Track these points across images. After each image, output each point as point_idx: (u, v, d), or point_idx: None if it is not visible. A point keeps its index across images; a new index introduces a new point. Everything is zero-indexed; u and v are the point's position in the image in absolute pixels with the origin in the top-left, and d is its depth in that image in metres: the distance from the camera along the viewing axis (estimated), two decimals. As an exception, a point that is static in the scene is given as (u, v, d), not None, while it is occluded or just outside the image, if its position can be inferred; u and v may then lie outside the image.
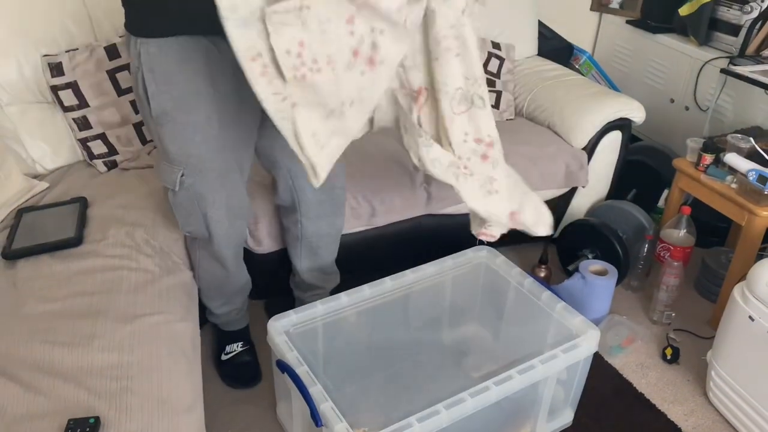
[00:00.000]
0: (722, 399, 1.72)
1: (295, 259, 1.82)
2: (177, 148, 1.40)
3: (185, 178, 1.43)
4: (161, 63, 1.34)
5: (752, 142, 1.93)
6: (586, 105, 2.22)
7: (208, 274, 1.67)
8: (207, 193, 1.46)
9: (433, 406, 1.32)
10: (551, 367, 1.46)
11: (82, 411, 1.08)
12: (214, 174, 1.45)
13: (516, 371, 1.41)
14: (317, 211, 1.71)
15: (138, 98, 1.42)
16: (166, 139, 1.40)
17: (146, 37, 1.33)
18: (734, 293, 1.65)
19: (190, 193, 1.46)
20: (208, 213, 1.49)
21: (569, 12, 2.99)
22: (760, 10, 2.38)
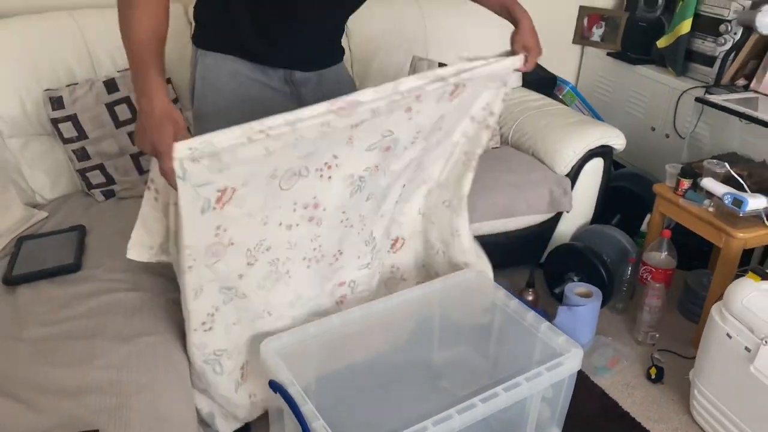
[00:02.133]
0: (705, 417, 1.76)
1: None
2: None
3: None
4: (213, 73, 1.47)
5: (727, 167, 2.01)
6: (568, 133, 2.30)
7: None
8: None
9: (422, 423, 1.35)
10: (536, 384, 1.50)
11: (83, 426, 1.12)
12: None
13: (502, 388, 1.45)
14: None
15: (190, 98, 1.55)
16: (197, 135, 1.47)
17: (204, 49, 1.47)
18: (712, 312, 1.71)
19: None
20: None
21: (552, 45, 3.08)
22: (733, 41, 2.49)
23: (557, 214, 2.31)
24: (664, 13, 2.82)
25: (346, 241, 1.58)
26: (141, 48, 1.14)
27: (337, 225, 1.52)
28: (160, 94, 1.13)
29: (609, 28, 3.05)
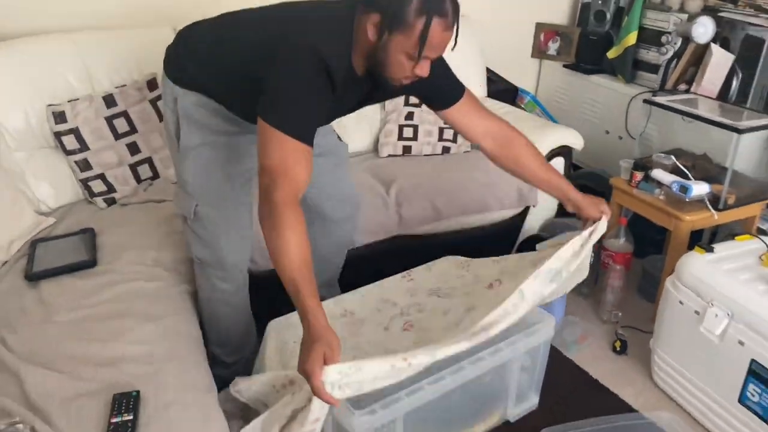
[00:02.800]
0: (664, 378, 1.97)
1: None
2: (195, 179, 1.57)
3: (199, 207, 1.59)
4: (196, 111, 1.53)
5: (674, 160, 2.26)
6: (531, 136, 2.48)
7: (219, 308, 1.76)
8: (221, 219, 1.61)
9: (418, 383, 1.52)
10: (516, 348, 1.69)
11: (123, 389, 1.26)
12: (228, 202, 1.61)
13: (486, 353, 1.64)
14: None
15: (167, 132, 1.62)
16: (186, 171, 1.57)
17: (186, 89, 1.52)
18: (666, 284, 1.93)
19: (205, 221, 1.61)
20: (221, 240, 1.63)
21: (513, 59, 3.36)
22: (674, 51, 2.77)
23: (525, 208, 2.52)
24: (612, 27, 3.10)
25: None
26: (293, 275, 1.19)
27: None
28: (313, 316, 1.17)
29: (563, 42, 3.32)
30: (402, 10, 1.24)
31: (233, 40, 1.47)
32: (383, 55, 1.31)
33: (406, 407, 1.48)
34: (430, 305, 1.73)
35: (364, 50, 1.34)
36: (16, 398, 1.26)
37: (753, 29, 2.50)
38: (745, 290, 1.71)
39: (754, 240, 1.94)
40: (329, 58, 1.30)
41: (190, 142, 1.55)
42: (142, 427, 1.19)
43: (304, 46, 1.29)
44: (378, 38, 1.29)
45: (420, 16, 1.25)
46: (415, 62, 1.31)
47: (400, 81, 1.37)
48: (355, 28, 1.34)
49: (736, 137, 2.10)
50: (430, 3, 1.25)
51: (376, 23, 1.28)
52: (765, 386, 1.64)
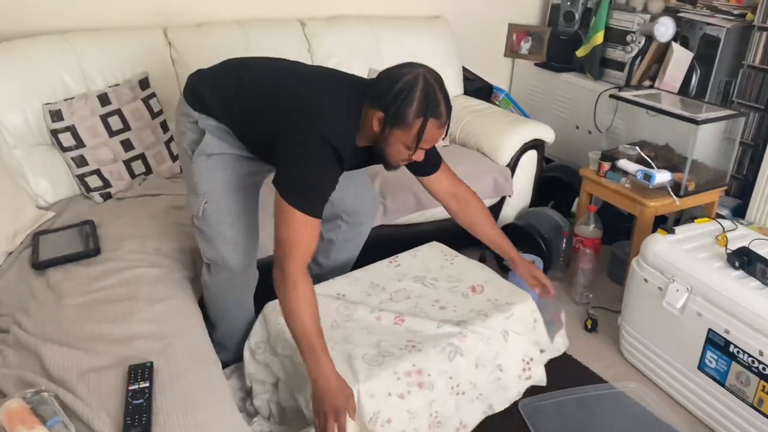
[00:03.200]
0: (632, 351, 2.13)
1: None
2: (205, 178, 1.67)
3: (208, 205, 1.68)
4: (216, 131, 1.67)
5: (638, 150, 2.42)
6: (506, 130, 2.68)
7: (227, 304, 1.85)
8: (227, 215, 1.70)
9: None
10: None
11: (137, 362, 1.37)
12: (234, 199, 1.71)
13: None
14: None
15: (181, 146, 1.75)
16: (196, 172, 1.68)
17: (205, 114, 1.66)
18: (632, 264, 2.09)
19: (211, 219, 1.70)
20: (227, 234, 1.71)
21: (487, 58, 3.51)
22: (638, 49, 2.94)
23: (501, 198, 2.67)
24: (581, 27, 3.27)
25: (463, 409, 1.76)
26: (308, 334, 1.44)
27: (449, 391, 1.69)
28: (331, 371, 1.44)
29: (535, 42, 3.49)
30: (403, 112, 1.43)
31: (256, 108, 1.60)
32: (385, 144, 1.52)
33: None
34: (417, 293, 1.88)
35: (369, 136, 1.54)
36: (38, 372, 1.36)
37: (710, 28, 2.68)
38: (702, 267, 1.87)
39: (711, 222, 2.11)
40: (340, 145, 1.49)
41: (208, 149, 1.66)
42: (158, 393, 1.30)
43: (320, 135, 1.47)
44: (381, 131, 1.49)
45: (418, 117, 1.44)
46: (412, 152, 1.52)
47: (398, 163, 1.59)
48: (363, 116, 1.53)
49: (695, 128, 2.26)
50: (428, 107, 1.43)
51: (380, 119, 1.47)
52: (721, 353, 1.80)
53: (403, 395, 1.58)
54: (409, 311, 1.80)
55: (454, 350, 1.69)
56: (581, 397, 1.98)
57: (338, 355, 1.57)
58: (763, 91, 2.58)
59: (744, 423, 1.77)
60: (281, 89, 1.59)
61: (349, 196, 1.96)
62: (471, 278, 1.98)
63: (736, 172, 2.72)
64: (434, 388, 1.64)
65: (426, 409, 1.64)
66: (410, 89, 1.42)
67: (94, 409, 1.25)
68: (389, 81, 1.46)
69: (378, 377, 1.55)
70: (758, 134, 2.62)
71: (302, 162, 1.48)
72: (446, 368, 1.67)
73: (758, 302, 1.71)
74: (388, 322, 1.76)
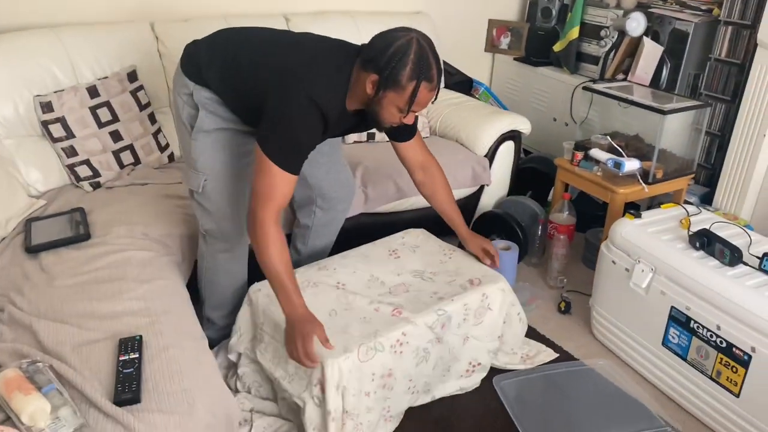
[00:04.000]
0: (602, 331, 2.23)
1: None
2: (205, 157, 1.77)
3: (207, 182, 1.79)
4: (210, 103, 1.75)
5: (609, 140, 2.52)
6: (484, 122, 2.77)
7: (218, 275, 1.96)
8: (227, 193, 1.81)
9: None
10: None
11: (127, 335, 1.45)
12: (233, 178, 1.81)
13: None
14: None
15: (178, 118, 1.83)
16: (196, 151, 1.77)
17: (200, 85, 1.74)
18: (602, 248, 2.19)
19: (211, 195, 1.81)
20: (227, 210, 1.83)
21: (468, 53, 3.61)
22: (612, 43, 3.04)
23: (480, 188, 2.76)
24: (558, 23, 3.37)
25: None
26: (278, 275, 1.57)
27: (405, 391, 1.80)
28: (300, 306, 1.58)
29: (514, 37, 3.58)
30: (397, 75, 1.50)
31: (251, 69, 1.67)
32: (378, 107, 1.59)
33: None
34: (416, 287, 1.92)
35: (361, 99, 1.61)
36: (33, 346, 1.43)
37: (679, 23, 2.78)
38: (666, 248, 1.97)
39: (677, 207, 2.21)
40: (326, 106, 1.57)
41: (205, 126, 1.75)
42: (147, 363, 1.38)
43: (307, 95, 1.54)
44: (375, 93, 1.55)
45: (411, 80, 1.51)
46: (404, 115, 1.59)
47: (389, 125, 1.66)
48: (353, 79, 1.59)
49: (662, 118, 2.37)
50: (421, 69, 1.50)
51: (374, 81, 1.53)
52: (683, 329, 1.90)
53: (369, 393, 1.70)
54: (407, 304, 1.83)
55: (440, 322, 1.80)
56: (553, 374, 2.08)
57: (336, 343, 1.61)
58: (729, 83, 2.69)
59: (704, 394, 1.88)
60: (272, 53, 1.66)
61: (326, 180, 2.04)
62: (470, 272, 2.00)
63: (704, 161, 2.83)
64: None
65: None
66: (404, 52, 1.48)
67: (86, 378, 1.33)
68: (383, 44, 1.52)
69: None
70: (725, 125, 2.73)
71: (285, 120, 1.55)
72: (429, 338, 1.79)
73: (716, 280, 1.81)
74: (387, 313, 1.78)
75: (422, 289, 1.91)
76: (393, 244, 2.15)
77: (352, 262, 2.02)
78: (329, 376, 1.57)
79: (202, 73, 1.74)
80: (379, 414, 1.75)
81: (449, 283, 1.94)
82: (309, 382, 1.62)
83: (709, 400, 1.87)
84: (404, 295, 1.87)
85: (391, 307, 1.80)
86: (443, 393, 1.95)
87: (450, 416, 1.90)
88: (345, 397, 1.62)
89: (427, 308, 1.80)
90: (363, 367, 1.65)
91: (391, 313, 1.78)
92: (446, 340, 1.86)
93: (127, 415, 1.24)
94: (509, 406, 1.93)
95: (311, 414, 1.63)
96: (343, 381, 1.60)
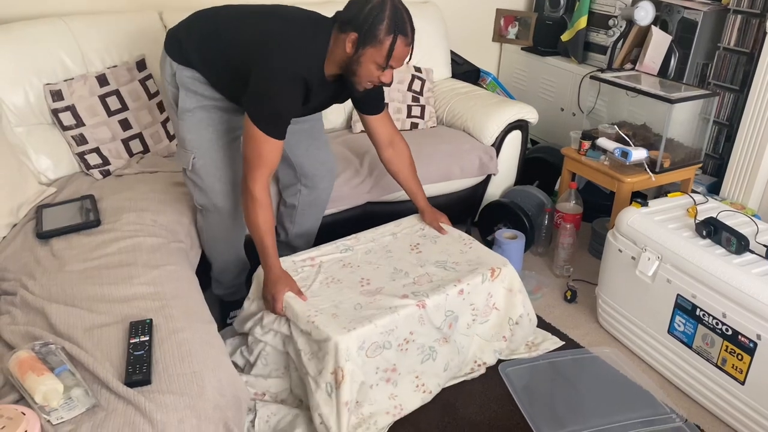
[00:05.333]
0: (608, 319, 2.24)
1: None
2: (192, 136, 1.88)
3: (196, 159, 1.90)
4: (191, 83, 1.85)
5: (616, 129, 2.52)
6: (491, 111, 2.77)
7: (218, 245, 2.09)
8: (214, 169, 1.92)
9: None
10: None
11: (138, 319, 1.47)
12: (219, 155, 1.91)
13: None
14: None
15: (166, 100, 1.93)
16: (183, 129, 1.88)
17: (183, 65, 1.84)
18: (608, 236, 2.19)
19: (201, 171, 1.92)
20: (216, 186, 1.94)
21: (476, 43, 3.60)
22: (620, 33, 3.03)
23: (487, 177, 2.77)
24: (566, 13, 3.36)
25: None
26: (264, 237, 1.76)
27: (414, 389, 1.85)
28: (276, 267, 1.79)
29: (522, 27, 3.58)
30: (375, 29, 1.62)
31: (228, 39, 1.77)
32: (357, 66, 1.68)
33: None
34: (439, 276, 1.92)
35: (340, 61, 1.70)
36: (45, 328, 1.45)
37: (688, 12, 2.77)
38: (672, 236, 1.97)
39: (684, 196, 2.21)
40: (307, 72, 1.68)
41: (186, 106, 1.86)
42: (157, 345, 1.40)
43: (286, 62, 1.66)
44: (354, 51, 1.65)
45: (388, 34, 1.62)
46: (382, 71, 1.69)
47: (366, 86, 1.74)
48: (331, 45, 1.70)
49: (670, 107, 2.36)
50: (397, 25, 1.62)
51: (354, 40, 1.64)
52: (688, 317, 1.91)
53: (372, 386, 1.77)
54: (431, 292, 1.84)
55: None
56: (559, 361, 2.09)
57: (359, 334, 1.66)
58: (738, 73, 2.68)
59: (709, 382, 1.88)
60: (250, 23, 1.76)
61: (306, 158, 2.14)
62: (490, 262, 2.00)
63: (712, 151, 2.83)
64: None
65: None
66: (380, 9, 1.61)
67: (98, 359, 1.35)
68: (359, 5, 1.63)
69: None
70: (733, 114, 2.72)
71: (268, 88, 1.66)
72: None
73: (723, 268, 1.81)
74: (412, 306, 1.79)
75: (447, 277, 1.91)
76: (414, 238, 2.14)
77: (375, 258, 2.01)
78: (343, 364, 1.63)
79: (184, 52, 1.83)
80: (386, 408, 1.79)
81: (471, 271, 1.94)
82: (324, 368, 1.65)
83: (714, 387, 1.87)
84: (428, 285, 1.87)
85: (415, 300, 1.80)
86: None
87: (456, 403, 1.91)
88: (354, 387, 1.66)
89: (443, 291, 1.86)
90: (368, 362, 1.71)
91: (415, 304, 1.78)
92: (453, 340, 1.90)
93: (138, 396, 1.26)
94: (515, 393, 1.94)
95: (320, 399, 1.66)
96: (356, 374, 1.67)
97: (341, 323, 1.67)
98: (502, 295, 2.00)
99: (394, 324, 1.73)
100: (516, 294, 2.01)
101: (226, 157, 1.93)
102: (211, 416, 1.30)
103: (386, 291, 1.83)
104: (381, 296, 1.81)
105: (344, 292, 1.82)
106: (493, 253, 2.07)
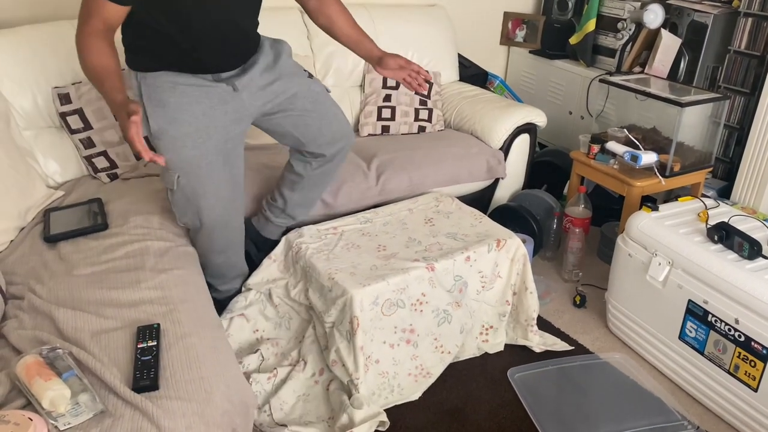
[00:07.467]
0: (617, 324, 2.22)
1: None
2: (172, 155, 1.72)
3: (180, 179, 1.77)
4: (155, 90, 1.71)
5: (626, 132, 2.50)
6: (499, 114, 2.76)
7: (212, 258, 2.01)
8: (198, 188, 1.79)
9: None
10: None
11: (145, 323, 1.46)
12: (203, 172, 1.78)
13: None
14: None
15: (144, 121, 1.75)
16: (162, 150, 1.73)
17: (142, 71, 1.72)
18: (618, 241, 2.17)
19: (185, 190, 1.80)
20: (201, 204, 1.82)
21: (483, 46, 3.59)
22: (629, 36, 3.02)
23: (495, 181, 2.75)
24: (574, 15, 3.35)
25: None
26: (94, 75, 1.56)
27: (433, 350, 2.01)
28: (113, 95, 1.54)
29: (530, 30, 3.56)
30: None
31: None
32: None
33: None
34: (449, 245, 2.08)
35: None
36: (52, 333, 1.45)
37: (697, 15, 2.75)
38: (683, 241, 1.95)
39: (694, 201, 2.19)
40: None
41: (157, 125, 1.71)
42: (164, 351, 1.39)
43: None
44: None
45: None
46: None
47: None
48: None
49: (680, 111, 2.34)
50: None
51: None
52: (700, 323, 1.88)
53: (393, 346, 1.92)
54: (440, 258, 1.99)
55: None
56: (568, 367, 2.07)
57: (372, 289, 1.84)
58: (748, 76, 2.66)
59: (721, 389, 1.86)
60: None
61: (323, 137, 2.00)
62: (497, 234, 2.14)
63: (722, 154, 2.81)
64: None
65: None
66: None
67: (105, 364, 1.34)
68: None
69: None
70: (744, 118, 2.70)
71: None
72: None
73: (735, 273, 1.79)
74: (422, 268, 1.94)
75: (455, 247, 2.06)
76: (428, 213, 2.32)
77: (391, 229, 2.20)
78: (357, 313, 1.80)
79: (138, 53, 1.72)
80: (408, 369, 1.95)
81: (479, 242, 2.09)
82: (344, 318, 1.83)
83: (726, 394, 1.85)
84: (437, 252, 2.03)
85: (425, 263, 1.95)
86: (467, 355, 2.12)
87: (464, 407, 1.90)
88: (369, 341, 1.84)
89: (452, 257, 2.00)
90: (385, 320, 1.87)
91: (425, 267, 1.94)
92: (465, 304, 2.04)
93: (145, 402, 1.25)
94: (524, 398, 1.92)
95: (340, 344, 1.85)
96: (369, 328, 1.84)
97: (358, 280, 1.86)
98: (507, 266, 2.13)
99: (405, 283, 1.89)
100: (515, 264, 2.14)
101: (209, 171, 1.80)
102: (219, 422, 1.29)
103: (400, 256, 2.01)
104: (395, 260, 1.98)
105: (362, 256, 2.01)
106: (503, 228, 2.19)
